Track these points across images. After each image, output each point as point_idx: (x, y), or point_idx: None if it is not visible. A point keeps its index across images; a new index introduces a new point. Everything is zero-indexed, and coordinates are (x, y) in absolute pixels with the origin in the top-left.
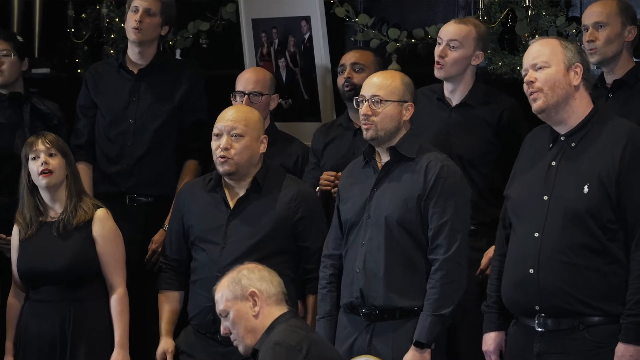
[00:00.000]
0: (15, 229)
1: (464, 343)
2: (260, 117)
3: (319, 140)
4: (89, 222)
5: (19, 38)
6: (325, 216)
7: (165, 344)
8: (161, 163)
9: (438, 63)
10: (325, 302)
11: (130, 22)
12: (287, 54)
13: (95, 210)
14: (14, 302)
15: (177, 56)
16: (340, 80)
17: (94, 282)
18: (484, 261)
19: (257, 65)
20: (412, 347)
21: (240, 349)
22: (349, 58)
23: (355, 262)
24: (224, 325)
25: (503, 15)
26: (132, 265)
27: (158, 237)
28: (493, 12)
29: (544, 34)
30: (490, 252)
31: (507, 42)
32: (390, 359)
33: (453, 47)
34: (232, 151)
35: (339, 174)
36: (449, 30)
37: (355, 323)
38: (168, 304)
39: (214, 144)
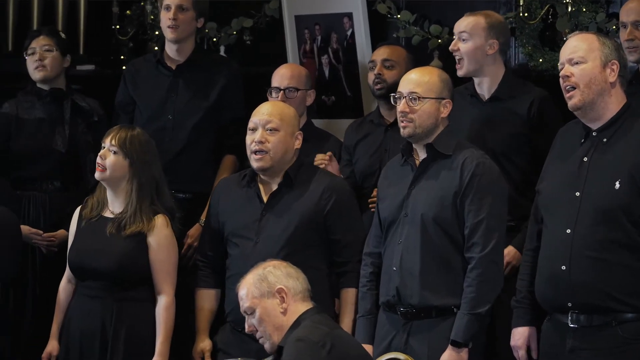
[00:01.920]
0: (76, 215)
1: (504, 341)
2: (296, 113)
3: (351, 137)
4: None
5: (62, 34)
6: (359, 210)
7: (203, 342)
8: (199, 159)
9: (457, 60)
10: (365, 300)
11: (165, 20)
12: (329, 50)
13: (154, 215)
14: (65, 285)
15: (222, 53)
16: (371, 76)
17: (141, 285)
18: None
19: (300, 62)
20: (449, 346)
21: (267, 346)
22: (379, 54)
23: (392, 260)
24: (249, 323)
25: (543, 11)
26: None
27: (194, 231)
28: (533, 9)
29: (584, 30)
30: (510, 253)
31: (547, 39)
32: (426, 358)
33: (463, 40)
34: (268, 144)
35: (329, 153)
36: (459, 24)
37: (393, 321)
38: (205, 302)
39: (248, 138)
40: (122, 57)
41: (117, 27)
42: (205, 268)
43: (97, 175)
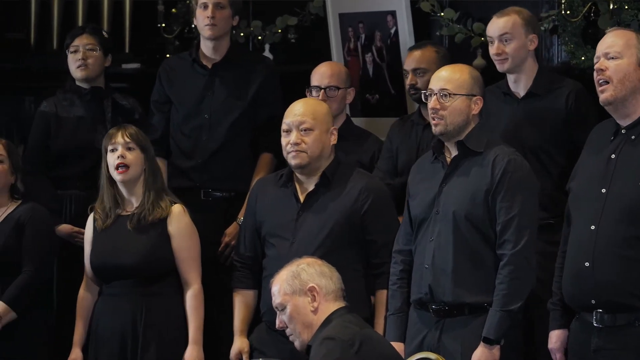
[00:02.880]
0: (90, 220)
1: (542, 338)
2: (328, 109)
3: (393, 135)
4: (164, 218)
5: (105, 33)
6: (395, 211)
7: (241, 343)
8: (236, 157)
9: (499, 60)
10: (395, 298)
11: (202, 19)
12: (373, 48)
13: (172, 205)
14: (85, 294)
15: (267, 51)
16: (406, 84)
17: (168, 277)
18: None
19: (345, 60)
20: (481, 343)
21: (296, 344)
22: (409, 63)
23: (424, 258)
24: (280, 319)
25: (586, 9)
26: (207, 260)
27: (231, 230)
28: (576, 6)
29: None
30: None
31: (589, 37)
32: (459, 356)
33: (507, 41)
34: (304, 145)
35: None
36: (496, 27)
37: (424, 319)
38: (242, 303)
39: (283, 140)
40: (167, 55)
41: (163, 25)
42: (242, 269)
43: (120, 177)
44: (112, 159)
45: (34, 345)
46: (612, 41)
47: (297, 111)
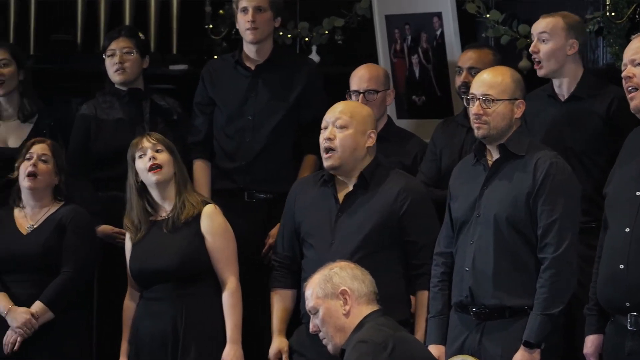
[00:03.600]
0: (127, 234)
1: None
2: (371, 112)
3: (438, 136)
4: (197, 219)
5: (141, 35)
6: (435, 212)
7: (280, 343)
8: (279, 159)
9: (536, 62)
10: (436, 300)
11: (243, 23)
12: (419, 50)
13: (204, 205)
14: (129, 303)
15: (314, 53)
16: (457, 80)
17: (205, 278)
18: None
19: (391, 62)
20: (522, 347)
21: (329, 347)
22: (465, 61)
23: (464, 261)
24: (313, 323)
25: (630, 10)
26: (250, 261)
27: (275, 231)
28: (620, 8)
29: None
30: None
31: None
32: (499, 359)
33: (544, 40)
34: (335, 141)
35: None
36: (538, 25)
37: (465, 322)
38: (280, 303)
39: (321, 136)
40: (215, 56)
41: (210, 26)
42: (280, 268)
43: (154, 178)
44: (142, 164)
45: (72, 346)
46: (637, 47)
47: (336, 108)
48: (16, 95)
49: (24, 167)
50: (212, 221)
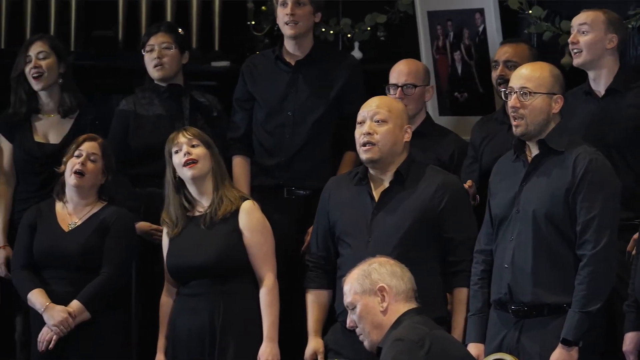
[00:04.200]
0: (165, 230)
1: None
2: (404, 107)
3: (476, 134)
4: (235, 215)
5: (180, 31)
6: (472, 208)
7: (316, 343)
8: (319, 155)
9: (574, 52)
10: (476, 298)
11: (282, 17)
12: (462, 46)
13: (242, 201)
14: (166, 300)
15: (356, 49)
16: (494, 75)
17: (243, 274)
18: None
19: (433, 58)
20: (560, 344)
21: (366, 344)
22: (502, 54)
23: (504, 258)
24: (350, 318)
25: None
26: (289, 258)
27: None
28: None
29: None
30: None
31: None
32: (538, 357)
33: (583, 32)
34: (376, 136)
35: None
36: (578, 18)
37: (504, 320)
38: (315, 303)
39: (357, 131)
40: (257, 53)
41: (253, 22)
42: (315, 269)
43: (190, 172)
44: (178, 159)
45: (109, 346)
46: None
47: (372, 103)
48: (57, 89)
49: (72, 164)
50: (250, 217)
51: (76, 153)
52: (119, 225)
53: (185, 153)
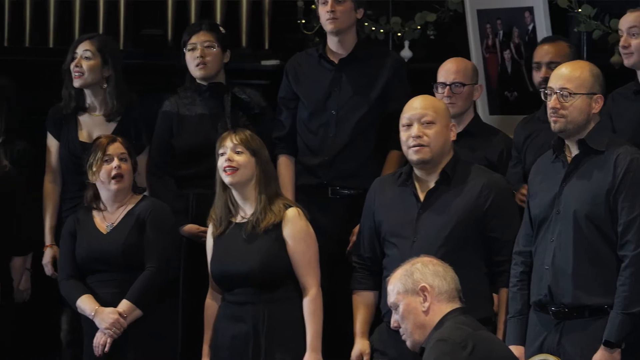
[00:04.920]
0: (210, 227)
1: None
2: (447, 106)
3: (520, 134)
4: (278, 223)
5: (222, 29)
6: (517, 208)
7: (362, 345)
8: (363, 154)
9: (625, 54)
10: (515, 300)
11: (323, 14)
12: (511, 45)
13: (286, 209)
14: (210, 302)
15: (406, 48)
16: (536, 77)
17: (286, 283)
18: None
19: (483, 57)
20: (602, 346)
21: (409, 344)
22: (543, 55)
23: (544, 259)
24: (394, 319)
25: None
26: (332, 258)
27: (358, 228)
28: None
29: None
30: None
31: None
32: (579, 359)
33: (634, 35)
34: (426, 138)
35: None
36: (627, 20)
37: (544, 321)
38: (362, 304)
39: (403, 134)
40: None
41: (303, 21)
42: (362, 270)
43: (228, 179)
44: (220, 162)
45: (163, 340)
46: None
47: (417, 105)
48: (100, 91)
49: (107, 171)
50: (294, 226)
51: (106, 159)
52: (155, 218)
53: (227, 159)
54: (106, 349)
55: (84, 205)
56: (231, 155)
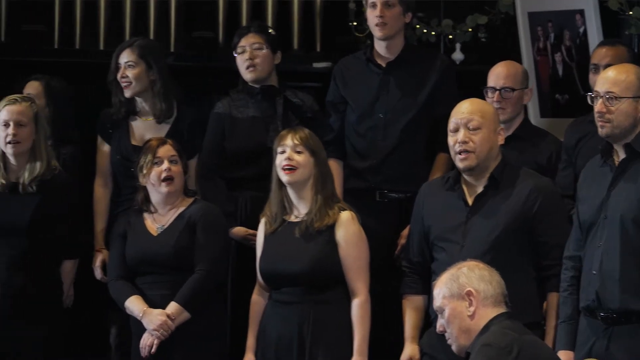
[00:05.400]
0: (262, 224)
1: None
2: (495, 110)
3: (570, 136)
4: (332, 225)
5: (271, 31)
6: (566, 212)
7: (411, 350)
8: (411, 158)
9: None
10: (566, 305)
11: (372, 19)
12: (562, 48)
13: (340, 212)
14: (257, 299)
15: (457, 50)
16: (592, 79)
17: (336, 286)
18: None
19: (534, 59)
20: None
21: (454, 348)
22: (602, 57)
23: (592, 264)
24: (440, 323)
25: None
26: (380, 262)
27: (407, 231)
28: None
29: None
30: None
31: None
32: None
33: None
34: (472, 144)
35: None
36: None
37: (593, 327)
38: (412, 309)
39: (451, 139)
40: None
41: (354, 23)
42: (411, 274)
43: (286, 178)
44: (279, 160)
45: (210, 346)
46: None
47: (464, 109)
48: (150, 95)
49: (157, 174)
50: (347, 229)
51: (156, 161)
52: (206, 221)
53: (287, 158)
54: (153, 350)
55: (135, 207)
56: (291, 154)
